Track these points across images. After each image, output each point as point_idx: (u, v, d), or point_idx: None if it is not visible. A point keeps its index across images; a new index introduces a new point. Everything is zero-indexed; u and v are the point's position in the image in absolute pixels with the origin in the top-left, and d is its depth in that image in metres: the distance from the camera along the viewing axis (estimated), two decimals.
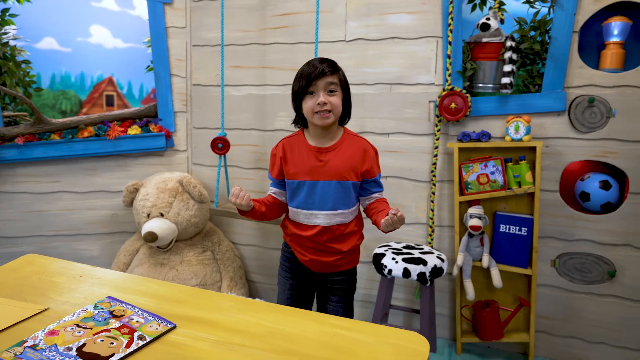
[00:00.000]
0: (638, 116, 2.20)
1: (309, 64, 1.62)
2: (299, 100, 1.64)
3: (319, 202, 1.66)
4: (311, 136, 1.69)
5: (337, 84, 1.62)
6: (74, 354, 0.94)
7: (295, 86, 1.64)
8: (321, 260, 1.73)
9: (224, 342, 1.04)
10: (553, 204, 2.36)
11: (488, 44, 2.36)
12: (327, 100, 1.57)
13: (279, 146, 1.73)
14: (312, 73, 1.57)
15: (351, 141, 1.68)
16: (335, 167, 1.64)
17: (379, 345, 1.05)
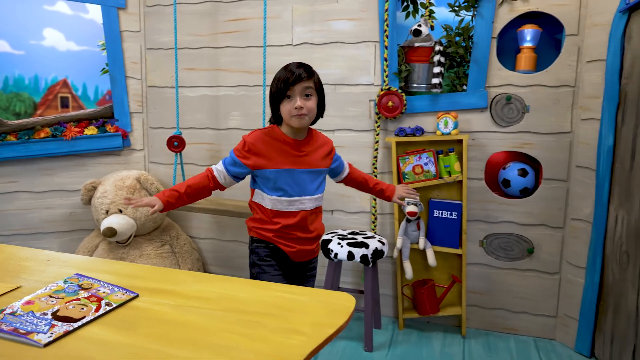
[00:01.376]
0: (548, 112, 2.51)
1: (287, 68, 1.72)
2: (276, 102, 1.75)
3: (303, 189, 1.80)
4: (286, 131, 1.80)
5: (312, 88, 1.74)
6: (49, 317, 1.10)
7: (273, 88, 1.74)
8: (307, 249, 1.87)
9: (182, 305, 1.22)
10: (479, 190, 2.65)
11: (420, 48, 2.62)
12: (303, 104, 1.70)
13: (253, 136, 1.78)
14: (289, 78, 1.68)
15: (318, 136, 1.89)
16: (313, 157, 1.81)
17: (313, 303, 1.26)
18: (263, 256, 1.85)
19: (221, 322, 1.14)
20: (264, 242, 1.85)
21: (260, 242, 1.86)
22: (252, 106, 2.94)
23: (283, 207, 1.80)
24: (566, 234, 2.56)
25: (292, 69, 1.71)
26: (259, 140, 1.77)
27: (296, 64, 1.74)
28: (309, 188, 1.81)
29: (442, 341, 2.62)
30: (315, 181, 1.84)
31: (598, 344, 2.45)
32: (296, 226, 1.82)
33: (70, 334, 1.06)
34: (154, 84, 3.15)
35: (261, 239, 1.85)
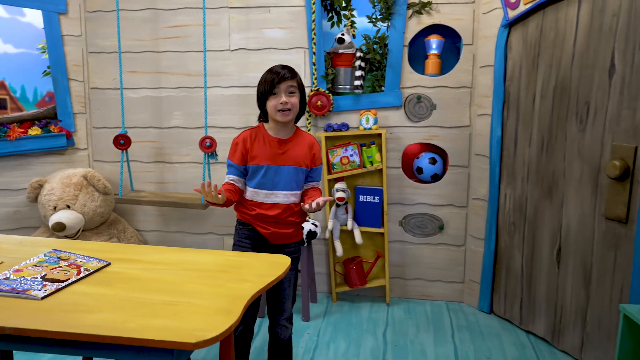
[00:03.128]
0: (451, 109, 2.97)
1: (272, 71, 1.89)
2: (263, 100, 1.89)
3: (278, 184, 1.91)
4: (271, 129, 1.93)
5: (295, 87, 1.89)
6: (40, 279, 1.34)
7: (261, 89, 1.89)
8: (281, 232, 1.97)
9: (149, 269, 1.50)
10: (397, 177, 3.07)
11: (343, 54, 3.00)
12: (288, 100, 1.84)
13: (241, 137, 1.95)
14: (275, 78, 1.84)
15: (302, 136, 1.99)
16: (293, 155, 1.93)
17: (257, 262, 1.58)
18: (243, 238, 2.00)
19: (184, 278, 1.43)
20: (246, 224, 1.99)
21: (243, 224, 2.00)
22: (193, 106, 3.19)
23: (259, 199, 1.93)
24: (469, 212, 3.04)
25: (277, 70, 1.87)
26: (243, 139, 1.92)
27: (280, 66, 1.91)
28: (284, 183, 1.92)
29: (370, 309, 3.01)
30: (292, 178, 1.93)
31: (495, 301, 2.94)
32: (271, 216, 1.94)
33: (61, 290, 1.31)
34: (97, 85, 3.31)
35: (243, 221, 2.00)
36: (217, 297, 1.29)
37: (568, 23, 2.35)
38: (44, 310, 1.19)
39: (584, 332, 2.36)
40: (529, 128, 2.61)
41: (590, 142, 2.27)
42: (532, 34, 2.56)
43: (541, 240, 2.58)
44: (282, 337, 2.04)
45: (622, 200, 2.13)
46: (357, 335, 2.67)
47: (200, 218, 3.29)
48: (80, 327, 1.10)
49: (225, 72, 3.12)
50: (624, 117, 2.11)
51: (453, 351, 2.52)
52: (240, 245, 1.99)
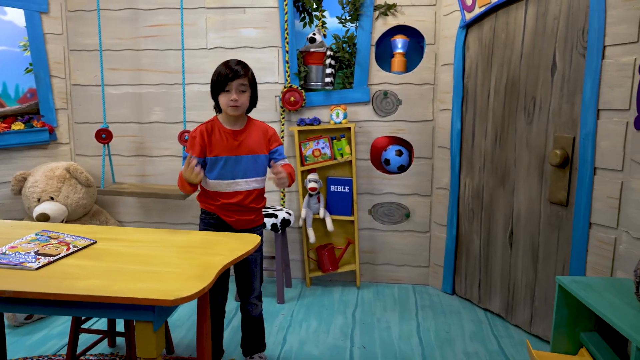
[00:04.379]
0: (416, 104, 3.18)
1: (227, 65, 1.98)
2: (216, 93, 2.01)
3: (238, 173, 2.03)
4: (225, 121, 2.06)
5: (246, 85, 2.00)
6: (33, 254, 1.49)
7: (214, 79, 1.99)
8: (245, 218, 2.10)
9: (131, 246, 1.66)
10: (366, 168, 3.27)
11: (315, 53, 3.18)
12: (238, 97, 1.96)
13: (197, 130, 2.04)
14: (228, 74, 1.94)
15: (254, 125, 2.13)
16: (248, 144, 2.05)
17: (230, 240, 1.76)
18: (208, 226, 2.10)
19: (163, 253, 1.60)
20: (210, 214, 2.10)
21: (207, 214, 2.12)
22: (172, 102, 3.34)
23: (221, 189, 2.04)
24: (433, 200, 3.26)
25: (231, 65, 1.97)
26: (200, 132, 2.02)
27: (235, 61, 2.00)
28: (243, 172, 2.04)
29: (341, 292, 3.21)
30: (251, 166, 2.06)
31: (457, 283, 3.17)
32: (234, 204, 2.06)
33: (53, 263, 1.47)
34: (78, 82, 3.43)
35: (207, 211, 2.11)
36: (192, 266, 1.46)
37: (517, 25, 2.58)
38: (39, 277, 1.36)
39: (533, 307, 2.60)
40: (484, 122, 2.84)
41: (536, 134, 2.50)
42: (486, 34, 2.78)
43: (496, 224, 2.81)
44: (254, 314, 2.22)
45: (563, 186, 2.36)
46: (328, 315, 2.87)
47: (180, 209, 3.45)
48: (73, 290, 1.26)
49: (203, 69, 3.28)
50: (564, 110, 2.34)
51: (416, 327, 2.73)
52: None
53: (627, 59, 2.03)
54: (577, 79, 2.26)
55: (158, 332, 1.31)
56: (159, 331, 1.31)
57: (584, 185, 2.23)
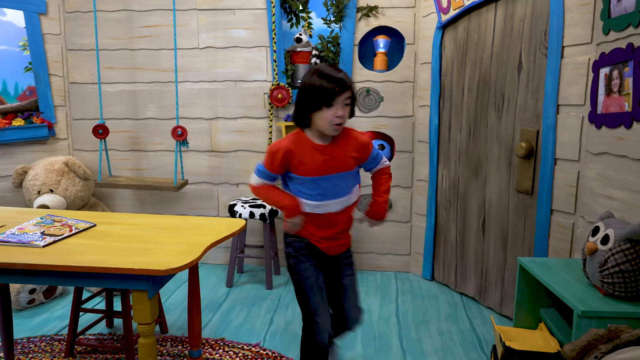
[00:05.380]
0: (397, 101, 3.37)
1: (328, 76, 1.63)
2: (313, 109, 1.65)
3: (330, 193, 1.75)
4: (316, 136, 1.73)
5: (351, 96, 1.68)
6: (39, 234, 1.66)
7: (314, 97, 1.64)
8: (337, 244, 1.86)
9: (128, 228, 1.84)
10: None
11: (301, 52, 3.36)
12: (344, 113, 1.65)
13: (281, 146, 1.72)
14: (334, 88, 1.61)
15: (347, 135, 1.78)
16: (341, 159, 1.74)
17: (217, 224, 1.93)
18: (299, 249, 1.83)
19: (155, 233, 1.78)
20: (298, 237, 1.85)
21: (295, 237, 1.86)
22: (166, 99, 3.50)
23: (309, 210, 1.76)
24: (413, 192, 3.45)
25: (334, 76, 1.64)
26: (285, 149, 1.71)
27: (334, 70, 1.66)
28: (335, 192, 1.77)
29: None
30: (343, 183, 1.79)
31: (436, 269, 3.36)
32: (323, 226, 1.80)
33: (57, 242, 1.64)
34: (75, 80, 3.59)
35: (295, 234, 1.85)
36: (181, 244, 1.64)
37: (487, 26, 2.76)
38: (46, 253, 1.53)
39: (503, 289, 2.79)
40: (459, 117, 3.02)
41: (505, 128, 2.69)
42: (460, 35, 2.96)
43: (470, 213, 3.00)
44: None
45: (528, 176, 2.55)
46: None
47: (173, 201, 3.62)
48: (76, 263, 1.43)
49: (195, 68, 3.45)
50: (529, 106, 2.53)
51: (395, 310, 2.91)
52: (298, 257, 1.84)
53: (583, 58, 2.22)
54: (540, 77, 2.45)
55: (152, 300, 1.48)
56: (152, 299, 1.48)
57: (546, 175, 2.41)
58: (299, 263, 1.83)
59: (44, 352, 2.32)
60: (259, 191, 1.85)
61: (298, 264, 1.83)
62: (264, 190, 1.84)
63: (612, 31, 2.02)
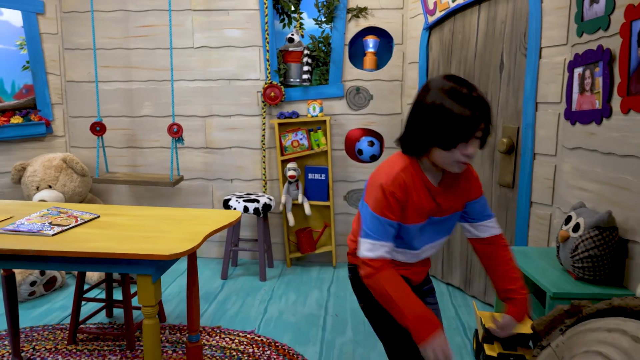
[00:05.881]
0: (385, 99, 3.49)
1: (469, 102, 1.21)
2: (442, 143, 1.25)
3: (430, 238, 1.42)
4: (430, 171, 1.35)
5: (486, 124, 1.28)
6: (48, 224, 1.76)
7: (445, 127, 1.23)
8: (422, 269, 1.53)
9: (129, 218, 1.94)
10: (340, 158, 3.58)
11: (293, 52, 3.47)
12: (474, 150, 1.27)
13: (396, 182, 1.30)
14: (476, 118, 1.21)
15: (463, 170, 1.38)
16: (451, 202, 1.40)
17: (214, 215, 2.04)
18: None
19: (157, 223, 1.89)
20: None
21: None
22: (161, 97, 3.60)
23: (404, 259, 1.43)
24: None
25: (476, 101, 1.22)
26: (401, 186, 1.30)
27: (472, 88, 1.25)
28: (437, 235, 1.44)
29: (319, 271, 3.51)
30: (448, 224, 1.45)
31: None
32: (413, 266, 1.48)
33: (65, 231, 1.74)
34: (72, 79, 3.67)
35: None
36: (182, 233, 1.75)
37: (471, 28, 2.89)
38: (55, 241, 1.63)
39: (487, 279, 2.93)
40: None
41: None
42: (446, 36, 3.09)
43: None
44: None
45: (509, 170, 2.69)
46: (306, 290, 3.17)
47: (169, 196, 3.72)
48: (85, 249, 1.54)
49: (190, 67, 3.55)
50: (510, 103, 2.66)
51: None
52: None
53: (559, 58, 2.36)
54: (520, 76, 2.58)
55: (156, 284, 1.59)
56: (156, 283, 1.59)
57: (525, 169, 2.55)
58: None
59: (47, 340, 2.41)
60: (383, 278, 1.28)
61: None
62: (390, 278, 1.29)
63: (584, 33, 2.15)
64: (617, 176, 1.91)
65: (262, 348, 2.38)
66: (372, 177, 1.37)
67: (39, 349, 2.33)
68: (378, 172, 1.37)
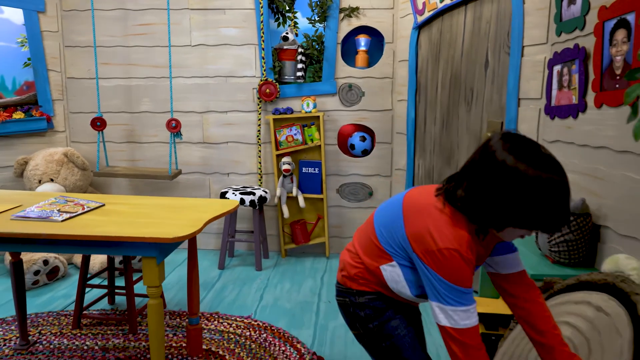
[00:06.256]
0: (377, 95, 3.62)
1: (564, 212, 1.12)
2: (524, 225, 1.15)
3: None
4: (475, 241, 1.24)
5: None
6: (56, 211, 1.87)
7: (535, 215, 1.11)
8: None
9: (133, 207, 2.05)
10: (334, 152, 3.70)
11: (288, 50, 3.58)
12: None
13: (468, 248, 1.18)
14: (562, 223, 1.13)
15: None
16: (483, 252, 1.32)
17: (213, 204, 2.16)
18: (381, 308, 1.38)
19: (160, 211, 2.00)
20: (378, 294, 1.39)
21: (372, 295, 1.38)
22: (160, 94, 3.70)
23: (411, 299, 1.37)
24: (392, 180, 3.70)
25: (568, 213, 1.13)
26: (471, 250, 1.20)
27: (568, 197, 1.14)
28: None
29: (312, 261, 3.64)
30: None
31: None
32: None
33: (73, 217, 1.85)
34: (73, 75, 3.77)
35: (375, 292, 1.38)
36: (184, 219, 1.87)
37: (458, 27, 3.02)
38: (64, 226, 1.74)
39: None
40: (433, 110, 3.28)
41: (474, 120, 2.95)
42: (434, 35, 3.22)
43: None
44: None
45: None
46: (300, 279, 3.29)
47: (167, 190, 3.82)
48: (94, 233, 1.65)
49: (187, 64, 3.66)
50: (494, 100, 2.80)
51: None
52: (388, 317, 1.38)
53: (540, 57, 2.49)
54: (504, 74, 2.71)
55: (159, 266, 1.70)
56: (160, 265, 1.71)
57: None
58: (386, 323, 1.37)
59: (52, 325, 2.52)
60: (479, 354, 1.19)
61: (385, 325, 1.37)
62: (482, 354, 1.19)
63: (563, 33, 2.29)
64: (591, 166, 2.04)
65: (258, 332, 2.50)
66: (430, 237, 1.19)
67: (45, 333, 2.44)
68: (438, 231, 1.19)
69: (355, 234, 1.45)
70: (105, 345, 2.33)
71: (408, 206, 1.28)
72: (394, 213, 1.30)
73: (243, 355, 2.28)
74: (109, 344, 2.34)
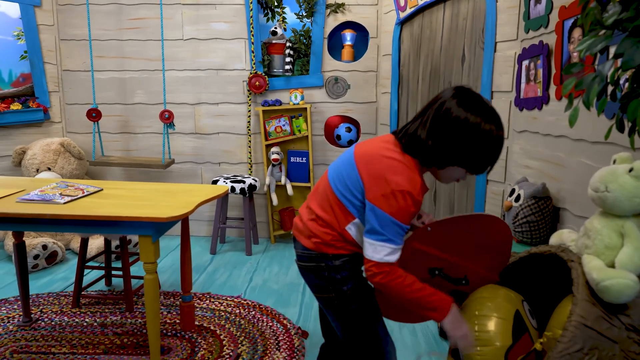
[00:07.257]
0: (362, 88, 3.78)
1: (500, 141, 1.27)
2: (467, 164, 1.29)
3: None
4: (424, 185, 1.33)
5: None
6: (58, 195, 2.02)
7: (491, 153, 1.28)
8: None
9: (129, 191, 2.21)
10: (320, 142, 3.86)
11: (276, 44, 3.73)
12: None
13: (421, 188, 1.29)
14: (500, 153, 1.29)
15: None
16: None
17: (206, 189, 2.32)
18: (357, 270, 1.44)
19: (155, 195, 2.16)
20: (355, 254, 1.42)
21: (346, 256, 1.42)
22: (153, 86, 3.84)
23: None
24: None
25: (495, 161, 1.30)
26: (422, 196, 1.30)
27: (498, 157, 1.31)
28: None
29: None
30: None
31: None
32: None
33: (74, 200, 2.01)
34: (68, 68, 3.89)
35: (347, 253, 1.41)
36: (177, 202, 2.03)
37: (438, 23, 3.18)
38: (67, 208, 1.89)
39: None
40: (415, 103, 3.45)
41: None
42: (416, 30, 3.38)
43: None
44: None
45: None
46: (288, 263, 3.46)
47: (160, 179, 3.97)
48: (95, 213, 1.81)
49: (180, 57, 3.79)
50: None
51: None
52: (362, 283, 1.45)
53: (510, 52, 2.66)
54: (479, 68, 2.88)
55: (155, 244, 1.86)
56: (155, 243, 1.87)
57: None
58: (360, 287, 1.43)
59: (53, 304, 2.68)
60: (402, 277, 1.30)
61: (360, 286, 1.43)
62: (406, 274, 1.31)
63: (530, 30, 2.46)
64: (552, 154, 2.22)
65: (247, 309, 2.67)
66: (383, 178, 1.27)
67: (46, 311, 2.60)
68: (391, 172, 1.28)
69: (312, 200, 1.47)
70: (103, 322, 2.49)
71: (360, 157, 1.36)
72: (348, 166, 1.37)
73: (233, 330, 2.45)
74: (107, 321, 2.50)
